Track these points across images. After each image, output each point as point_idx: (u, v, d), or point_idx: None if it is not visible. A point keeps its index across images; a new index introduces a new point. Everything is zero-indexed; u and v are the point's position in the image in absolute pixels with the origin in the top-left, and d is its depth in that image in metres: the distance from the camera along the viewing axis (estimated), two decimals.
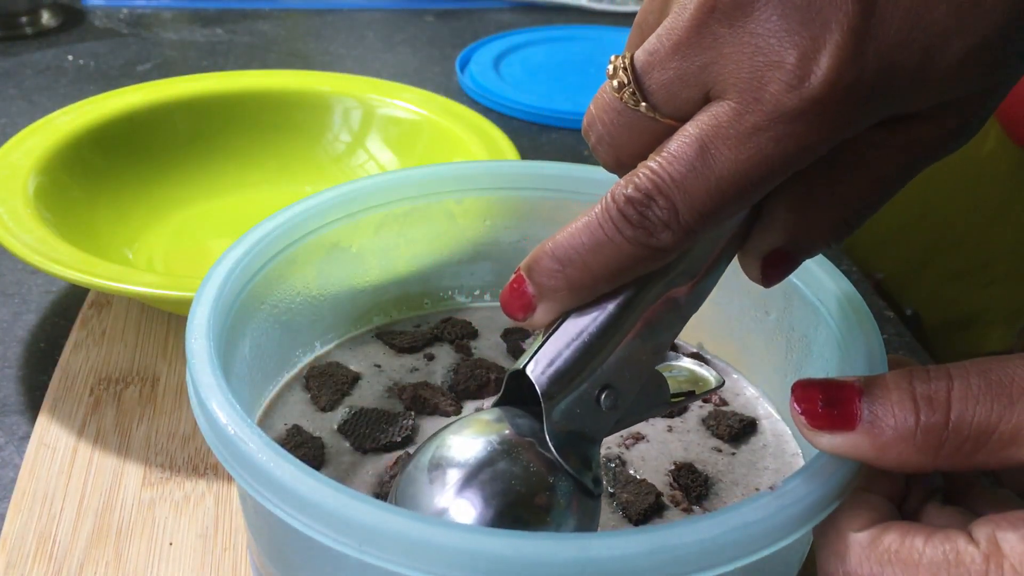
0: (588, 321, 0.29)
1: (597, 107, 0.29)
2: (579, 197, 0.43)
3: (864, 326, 0.34)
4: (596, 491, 0.30)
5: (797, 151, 0.26)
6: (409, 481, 0.30)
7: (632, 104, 0.27)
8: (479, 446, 0.29)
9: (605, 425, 0.30)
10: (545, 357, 0.29)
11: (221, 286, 0.35)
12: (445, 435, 0.30)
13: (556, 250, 0.28)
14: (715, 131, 0.26)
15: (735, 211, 0.27)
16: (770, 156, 0.25)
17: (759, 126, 0.25)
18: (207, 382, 0.30)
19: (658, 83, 0.27)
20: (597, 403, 0.29)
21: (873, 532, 0.27)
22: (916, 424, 0.27)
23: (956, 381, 0.27)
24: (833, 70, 0.25)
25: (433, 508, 0.28)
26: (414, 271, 0.44)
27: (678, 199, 0.26)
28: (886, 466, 0.28)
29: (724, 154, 0.26)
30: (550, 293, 0.29)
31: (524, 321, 0.30)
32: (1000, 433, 0.26)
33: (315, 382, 0.40)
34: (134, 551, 0.40)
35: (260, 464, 0.27)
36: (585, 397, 0.29)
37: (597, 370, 0.29)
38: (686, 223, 0.27)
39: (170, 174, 0.64)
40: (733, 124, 0.25)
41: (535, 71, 0.91)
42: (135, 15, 1.03)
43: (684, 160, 0.26)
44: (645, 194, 0.26)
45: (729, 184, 0.26)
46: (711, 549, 0.26)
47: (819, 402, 0.28)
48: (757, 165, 0.26)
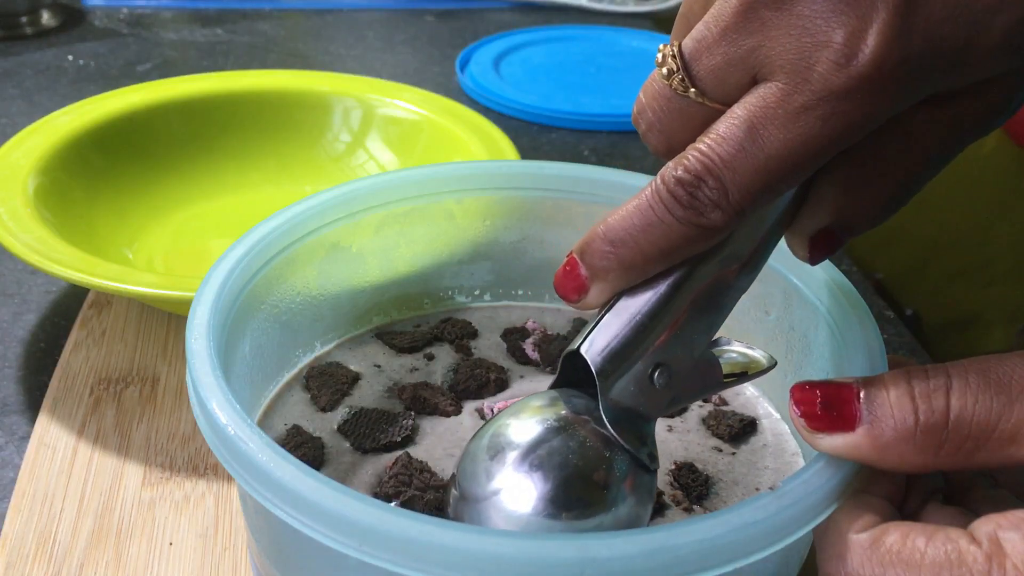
0: (640, 301, 0.30)
1: (647, 95, 0.29)
2: (579, 197, 0.43)
3: (864, 326, 0.34)
4: (652, 466, 0.30)
5: (845, 129, 0.26)
6: (470, 460, 0.30)
7: (681, 91, 0.28)
8: (537, 425, 0.30)
9: (659, 403, 0.30)
10: (599, 337, 0.30)
11: (221, 286, 0.35)
12: (503, 416, 0.31)
13: (608, 232, 0.29)
14: (763, 112, 0.26)
15: (784, 190, 0.28)
16: (818, 135, 0.26)
17: (807, 105, 0.26)
18: (207, 382, 0.30)
19: (707, 69, 0.28)
20: (651, 381, 0.30)
21: (874, 533, 0.27)
22: (916, 424, 0.27)
23: (955, 380, 0.27)
24: (881, 48, 0.25)
25: (493, 486, 0.29)
26: (414, 271, 0.44)
27: (728, 179, 0.27)
28: (887, 467, 0.28)
29: (773, 134, 0.26)
30: (602, 274, 0.30)
31: (577, 303, 0.30)
32: (1000, 432, 0.26)
33: (315, 382, 0.40)
34: (134, 551, 0.40)
35: (260, 464, 0.27)
36: (639, 376, 0.30)
37: (650, 349, 0.30)
38: (736, 203, 0.27)
39: (170, 174, 0.64)
40: (781, 104, 0.26)
41: (535, 71, 0.91)
42: (135, 15, 1.03)
43: (733, 141, 0.27)
44: (695, 175, 0.27)
45: (778, 163, 0.26)
46: (711, 549, 0.26)
47: (818, 404, 0.28)
48: (805, 144, 0.26)
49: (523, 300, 0.47)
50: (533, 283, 0.46)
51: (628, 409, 0.30)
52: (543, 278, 0.46)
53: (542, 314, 0.46)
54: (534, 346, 0.43)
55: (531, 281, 0.46)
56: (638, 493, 0.30)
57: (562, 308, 0.46)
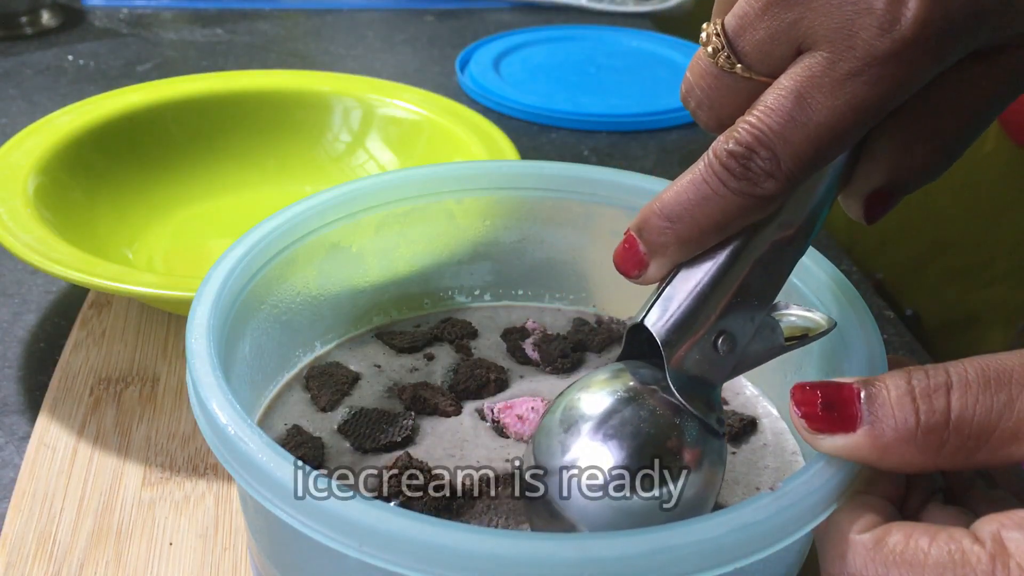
0: (700, 272, 0.30)
1: (694, 74, 0.30)
2: (579, 197, 0.43)
3: (864, 326, 0.34)
4: (721, 431, 0.31)
5: (892, 91, 0.27)
6: (545, 434, 0.31)
7: (728, 67, 0.29)
8: (607, 397, 0.31)
9: (723, 369, 0.31)
10: (661, 308, 0.30)
11: (221, 286, 0.35)
12: (572, 391, 0.32)
13: (664, 208, 0.30)
14: (810, 81, 0.27)
15: (835, 155, 0.28)
16: (866, 99, 0.27)
17: (853, 71, 0.26)
18: (207, 382, 0.30)
19: (751, 44, 0.28)
20: (715, 349, 0.31)
21: (877, 533, 0.27)
22: (917, 424, 0.27)
23: (955, 379, 0.27)
24: (922, 9, 0.26)
25: (569, 458, 0.30)
26: (414, 271, 0.44)
27: (779, 149, 0.27)
28: (888, 467, 0.28)
29: (820, 102, 0.27)
30: (661, 250, 0.30)
31: (638, 278, 0.31)
32: (1001, 431, 0.26)
33: (315, 382, 0.40)
34: (134, 551, 0.40)
35: (260, 464, 0.27)
36: (703, 344, 0.31)
37: (712, 317, 0.30)
38: (788, 171, 0.28)
39: (170, 174, 0.64)
40: (827, 72, 0.27)
41: (535, 71, 0.91)
42: (135, 15, 1.03)
43: (782, 111, 0.27)
44: (747, 147, 0.28)
45: (827, 130, 0.27)
46: (711, 550, 0.26)
47: (818, 404, 0.28)
48: (854, 109, 0.27)
49: (523, 300, 0.47)
50: (533, 283, 0.46)
51: (694, 377, 0.31)
52: (543, 278, 0.46)
53: (542, 314, 0.46)
54: (534, 346, 0.43)
55: (531, 281, 0.46)
56: (710, 458, 0.31)
57: (562, 308, 0.46)
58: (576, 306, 0.46)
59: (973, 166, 0.70)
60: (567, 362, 0.42)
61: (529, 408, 0.38)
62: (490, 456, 0.36)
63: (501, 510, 0.35)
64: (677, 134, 0.81)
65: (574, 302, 0.46)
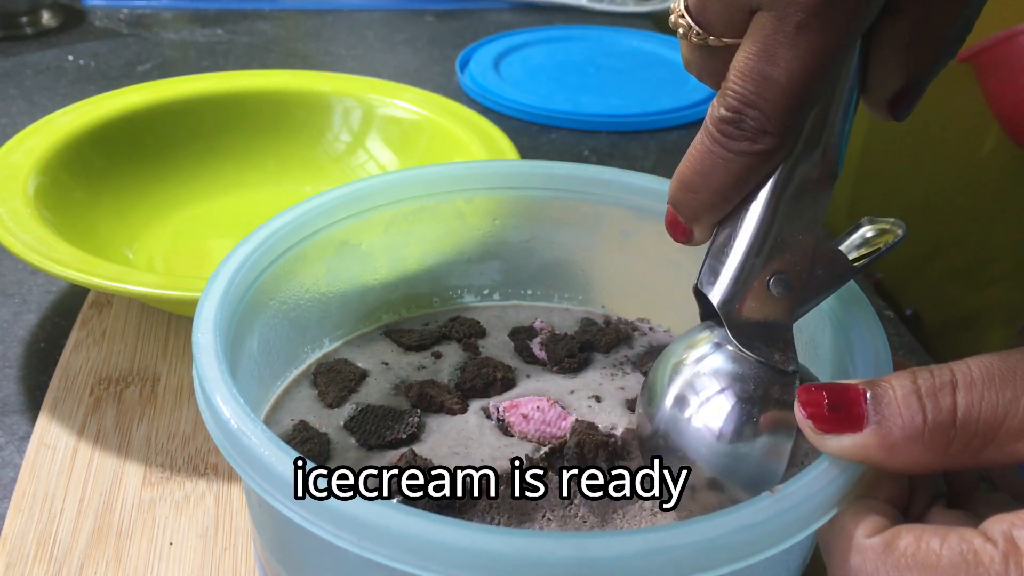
0: (739, 224, 0.32)
1: (682, 53, 0.32)
2: (589, 197, 0.43)
3: (870, 328, 0.34)
4: (788, 369, 0.32)
5: (845, 29, 0.28)
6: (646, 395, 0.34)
7: (701, 41, 0.31)
8: (680, 366, 0.33)
9: (787, 308, 0.32)
10: (710, 268, 0.32)
11: (229, 282, 0.35)
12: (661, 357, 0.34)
13: (683, 182, 0.31)
14: (768, 40, 0.28)
15: (817, 96, 0.29)
16: (823, 44, 0.28)
17: (801, 24, 0.27)
18: (212, 376, 0.30)
19: (713, 15, 0.30)
20: (770, 292, 0.31)
21: (886, 537, 0.27)
22: (924, 423, 0.27)
23: (960, 378, 0.27)
24: None
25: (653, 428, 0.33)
26: (423, 269, 0.44)
27: (764, 106, 0.29)
28: (895, 467, 0.27)
29: (784, 55, 0.28)
30: (694, 217, 0.32)
31: (690, 243, 0.33)
32: (1007, 428, 0.26)
33: (323, 378, 0.40)
34: (134, 551, 0.40)
35: (262, 458, 0.28)
36: (757, 291, 0.31)
37: (757, 263, 0.31)
38: (779, 123, 0.29)
39: (170, 174, 0.64)
40: (779, 29, 0.28)
41: (535, 71, 0.91)
42: (135, 15, 1.03)
43: (754, 72, 0.29)
44: (735, 111, 0.29)
45: (799, 79, 0.28)
46: (708, 551, 0.26)
47: (825, 405, 0.28)
48: (816, 55, 0.28)
49: (532, 300, 0.47)
50: (542, 283, 0.46)
51: (759, 323, 0.32)
52: (552, 278, 0.46)
53: (550, 314, 0.46)
54: (541, 345, 0.43)
55: (540, 281, 0.46)
56: (780, 400, 0.31)
57: (570, 308, 0.46)
58: (585, 306, 0.46)
59: (973, 166, 0.70)
60: (574, 362, 0.42)
61: (534, 407, 0.38)
62: (494, 454, 0.36)
63: (503, 508, 0.35)
64: (677, 134, 0.81)
65: (583, 302, 0.46)
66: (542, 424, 0.37)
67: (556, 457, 0.36)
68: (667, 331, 0.45)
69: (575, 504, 0.35)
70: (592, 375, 0.41)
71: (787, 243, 0.31)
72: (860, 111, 0.32)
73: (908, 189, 0.73)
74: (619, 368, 0.42)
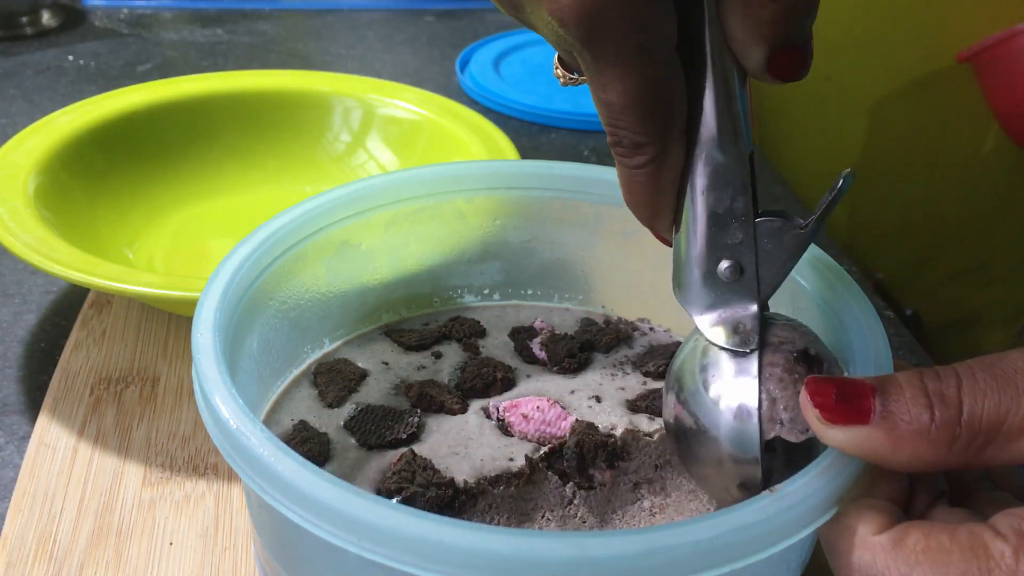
0: (678, 225, 0.33)
1: None
2: (589, 197, 0.43)
3: (870, 328, 0.34)
4: (740, 350, 0.32)
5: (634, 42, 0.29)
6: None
7: (575, 84, 0.34)
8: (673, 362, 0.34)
9: (747, 291, 0.32)
10: (674, 272, 0.33)
11: (229, 281, 0.35)
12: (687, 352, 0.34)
13: (624, 199, 0.33)
14: (589, 75, 0.30)
15: (660, 96, 0.30)
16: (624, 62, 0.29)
17: (594, 56, 0.29)
18: (211, 376, 0.30)
19: (569, 62, 0.32)
20: (721, 279, 0.32)
21: (894, 534, 0.27)
22: (931, 420, 0.27)
23: (964, 378, 0.27)
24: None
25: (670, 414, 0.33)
26: (423, 269, 0.44)
27: (623, 123, 0.30)
28: (899, 462, 0.27)
29: (605, 83, 0.29)
30: (648, 224, 0.34)
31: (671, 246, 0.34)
32: (1008, 427, 0.26)
33: (323, 378, 0.40)
34: (134, 551, 0.40)
35: (261, 458, 0.28)
36: (710, 282, 0.32)
37: (699, 256, 0.32)
38: (644, 132, 0.30)
39: (170, 174, 0.64)
40: (588, 66, 0.29)
41: (535, 71, 0.91)
42: (135, 15, 1.03)
43: (599, 102, 0.30)
44: (611, 135, 0.31)
45: (630, 94, 0.29)
46: (708, 550, 0.26)
47: (833, 395, 0.28)
48: (626, 71, 0.29)
49: (532, 300, 0.47)
50: (543, 283, 0.46)
51: (723, 311, 0.32)
52: (553, 278, 0.46)
53: (551, 314, 0.46)
54: (541, 345, 0.43)
55: (541, 281, 0.46)
56: (734, 375, 0.32)
57: (571, 308, 0.46)
58: (585, 306, 0.46)
59: (973, 166, 0.70)
60: (574, 362, 0.42)
61: (534, 407, 0.38)
62: (494, 454, 0.36)
63: (503, 509, 0.35)
64: None
65: (583, 302, 0.46)
66: (542, 424, 0.37)
67: (555, 457, 0.36)
68: (667, 331, 0.45)
69: (575, 504, 0.35)
70: (592, 375, 0.41)
71: (722, 229, 0.32)
72: (857, 113, 0.32)
73: (908, 189, 0.73)
74: (619, 368, 0.42)
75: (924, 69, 0.69)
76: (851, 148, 0.74)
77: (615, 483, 0.36)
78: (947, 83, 0.68)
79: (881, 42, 0.71)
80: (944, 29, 0.67)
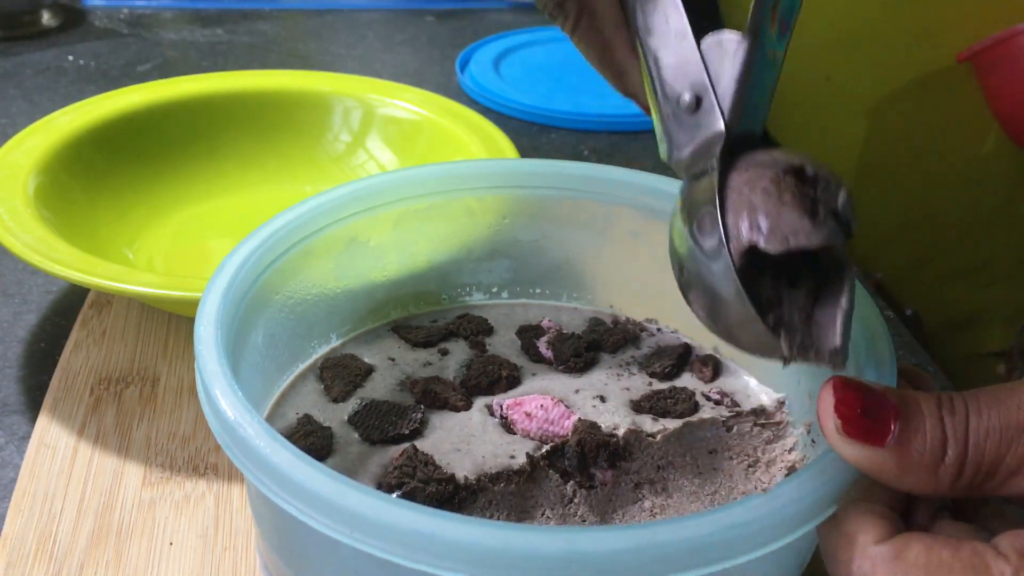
0: None
1: None
2: (599, 197, 0.43)
3: (875, 331, 0.34)
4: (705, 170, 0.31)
5: None
6: None
7: None
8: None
9: (710, 117, 0.31)
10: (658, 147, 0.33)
11: (234, 276, 0.35)
12: None
13: None
14: None
15: None
16: None
17: None
18: (212, 369, 0.31)
19: None
20: (687, 113, 0.32)
21: (895, 545, 0.26)
22: (942, 455, 0.27)
23: (971, 412, 0.27)
24: None
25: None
26: (432, 267, 0.45)
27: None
28: (899, 487, 0.27)
29: None
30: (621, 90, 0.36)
31: None
32: (1007, 464, 0.26)
33: (329, 373, 0.40)
34: (134, 551, 0.40)
35: (258, 450, 0.28)
36: (679, 123, 0.32)
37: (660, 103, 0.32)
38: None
39: (170, 174, 0.64)
40: None
41: (535, 71, 0.91)
42: (135, 15, 1.03)
43: None
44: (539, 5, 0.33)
45: None
46: (699, 548, 0.26)
47: (859, 409, 0.27)
48: None
49: (540, 298, 0.47)
50: (551, 282, 0.46)
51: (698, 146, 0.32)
52: (561, 277, 0.46)
53: (559, 313, 0.46)
54: (547, 344, 0.43)
55: (549, 280, 0.46)
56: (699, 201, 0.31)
57: (579, 307, 0.46)
58: (593, 306, 0.46)
59: (973, 166, 0.70)
60: (580, 361, 0.42)
61: (538, 406, 0.38)
62: (496, 452, 0.36)
63: (503, 506, 0.35)
64: None
65: (591, 302, 0.46)
66: (545, 423, 0.37)
67: (557, 456, 0.36)
68: (675, 332, 0.45)
69: (575, 503, 0.35)
70: (598, 375, 0.41)
71: (671, 64, 0.32)
72: (857, 113, 0.31)
73: (908, 189, 0.73)
74: (625, 369, 0.42)
75: (924, 69, 0.69)
76: (851, 148, 0.74)
77: (616, 483, 0.36)
78: (947, 83, 0.68)
79: (881, 42, 0.71)
80: (944, 29, 0.67)
